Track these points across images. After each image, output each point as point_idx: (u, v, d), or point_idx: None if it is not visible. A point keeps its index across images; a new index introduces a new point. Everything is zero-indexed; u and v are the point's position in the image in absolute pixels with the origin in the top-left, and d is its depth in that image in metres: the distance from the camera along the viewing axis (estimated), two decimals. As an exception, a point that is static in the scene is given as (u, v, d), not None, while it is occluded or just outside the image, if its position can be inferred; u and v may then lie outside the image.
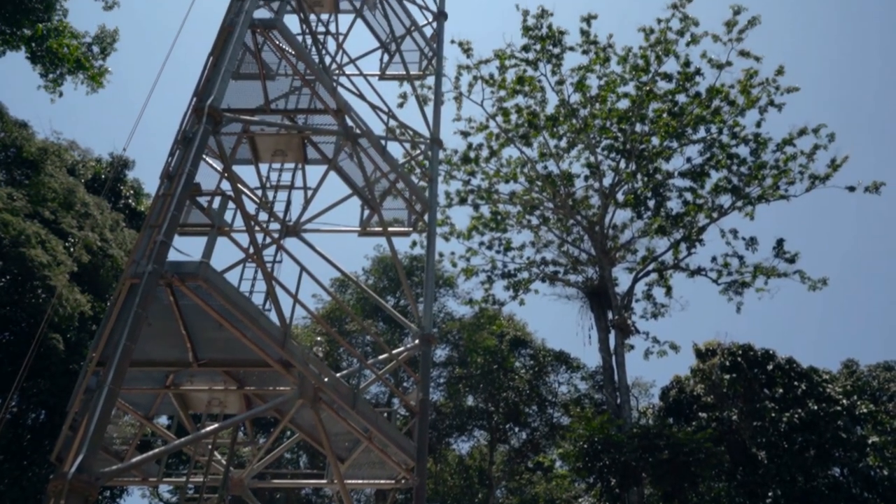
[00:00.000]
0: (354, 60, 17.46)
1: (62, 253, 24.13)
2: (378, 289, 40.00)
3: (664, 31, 31.56)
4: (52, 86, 32.26)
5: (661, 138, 31.64)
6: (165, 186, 10.34)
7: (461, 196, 32.75)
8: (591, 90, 32.05)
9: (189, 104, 11.60)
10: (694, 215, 31.05)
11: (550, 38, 32.22)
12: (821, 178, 29.69)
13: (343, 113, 13.28)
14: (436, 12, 19.10)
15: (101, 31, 33.18)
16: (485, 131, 32.70)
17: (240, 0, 12.65)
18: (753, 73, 30.86)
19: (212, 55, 12.26)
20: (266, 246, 13.53)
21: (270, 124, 13.59)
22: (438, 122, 16.89)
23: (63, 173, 28.41)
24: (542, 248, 33.25)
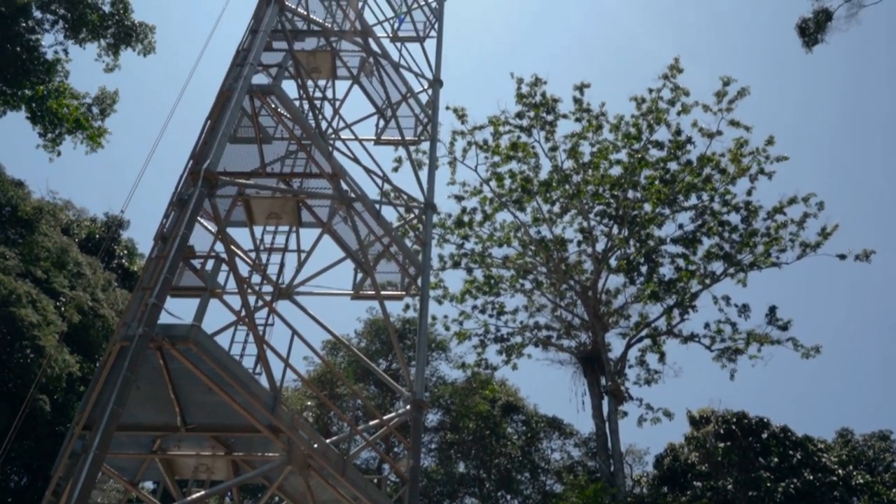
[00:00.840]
0: (350, 125, 17.70)
1: (52, 313, 24.00)
2: (370, 352, 39.73)
3: (655, 101, 32.13)
4: (51, 145, 32.56)
5: (653, 205, 31.92)
6: (159, 248, 10.36)
7: (455, 260, 32.82)
8: (583, 157, 32.45)
9: (185, 166, 11.70)
10: (686, 282, 31.13)
11: (544, 105, 32.75)
12: (811, 246, 29.90)
13: (338, 177, 13.40)
14: (431, 79, 19.46)
15: (101, 92, 33.68)
16: (479, 196, 32.97)
17: (239, 66, 12.87)
18: (744, 142, 31.34)
19: (209, 119, 12.43)
20: (258, 308, 13.48)
21: (266, 188, 13.69)
22: (433, 187, 17.03)
23: (57, 233, 28.45)
24: (535, 312, 33.21)
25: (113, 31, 33.31)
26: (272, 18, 13.86)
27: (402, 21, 21.33)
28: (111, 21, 33.19)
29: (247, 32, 14.50)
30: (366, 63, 17.88)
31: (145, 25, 33.82)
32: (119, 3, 33.39)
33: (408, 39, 21.17)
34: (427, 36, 21.47)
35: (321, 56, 17.46)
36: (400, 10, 21.84)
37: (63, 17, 32.33)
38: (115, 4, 33.37)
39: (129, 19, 33.34)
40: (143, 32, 33.72)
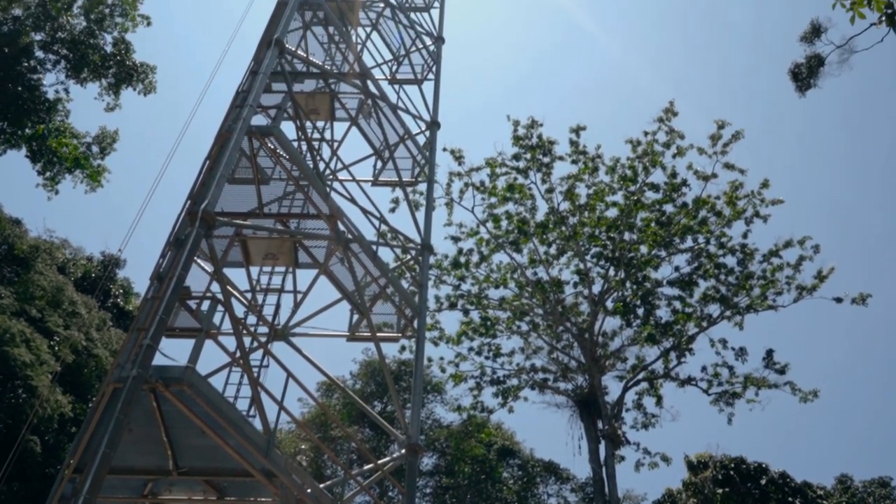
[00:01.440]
0: (348, 166, 17.79)
1: (46, 352, 23.83)
2: (365, 393, 39.44)
3: (651, 144, 32.38)
4: (51, 184, 32.70)
5: (649, 247, 31.99)
6: (155, 288, 10.32)
7: (451, 301, 32.75)
8: (580, 199, 32.59)
9: (183, 206, 11.72)
10: (683, 324, 31.06)
11: (540, 147, 32.98)
12: (808, 289, 29.92)
13: (335, 218, 13.42)
14: (429, 121, 19.59)
15: (101, 131, 33.93)
16: (475, 237, 33.01)
17: (238, 107, 12.95)
18: (739, 185, 31.52)
19: (208, 159, 12.47)
20: (253, 350, 13.39)
21: (263, 228, 13.69)
22: (429, 228, 17.05)
23: (53, 271, 28.39)
24: (531, 354, 33.05)
25: (114, 70, 33.66)
26: (272, 61, 13.97)
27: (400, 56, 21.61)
28: (112, 61, 33.54)
29: (246, 74, 14.64)
30: (364, 105, 18.03)
31: (146, 65, 34.17)
32: (121, 44, 33.79)
33: (406, 82, 21.39)
34: (425, 78, 21.69)
35: (320, 98, 17.61)
36: (398, 53, 22.12)
37: (65, 58, 32.67)
38: (117, 45, 33.77)
39: (130, 59, 33.70)
40: (143, 72, 34.07)
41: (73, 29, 32.67)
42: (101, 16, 33.17)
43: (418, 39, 21.95)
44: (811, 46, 20.13)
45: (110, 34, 33.67)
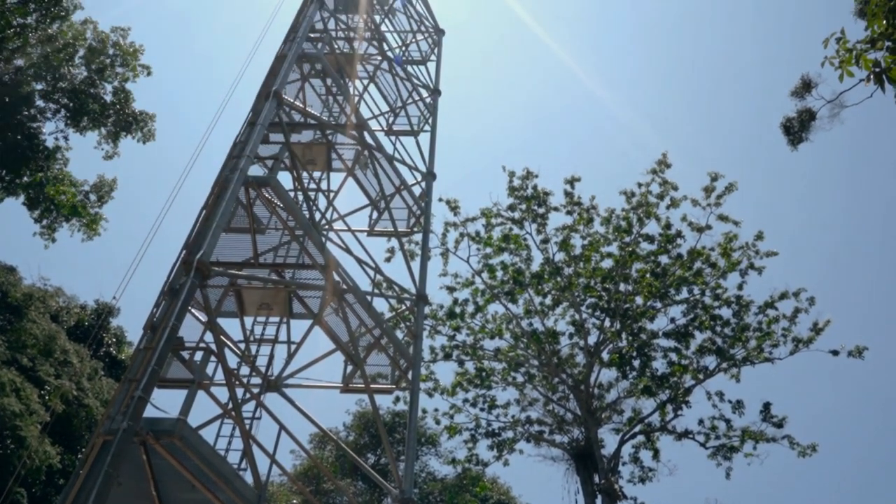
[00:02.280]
0: (344, 216, 17.87)
1: (36, 402, 23.57)
2: (359, 445, 38.97)
3: (645, 195, 32.57)
4: (48, 232, 32.74)
5: (644, 298, 31.96)
6: (148, 339, 10.26)
7: (446, 351, 32.56)
8: (575, 249, 32.65)
9: (178, 256, 11.71)
10: (680, 376, 30.88)
11: (535, 198, 33.15)
12: (804, 342, 29.83)
13: (331, 269, 13.43)
14: (425, 172, 19.75)
15: (99, 179, 34.10)
16: (471, 287, 32.97)
17: (235, 158, 13.05)
18: (733, 236, 31.64)
19: (204, 208, 12.51)
20: (246, 401, 13.27)
21: (257, 279, 13.67)
22: (425, 279, 17.07)
23: (46, 319, 28.23)
24: (527, 406, 32.75)
25: (113, 119, 33.97)
26: (270, 112, 14.13)
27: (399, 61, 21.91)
28: (112, 110, 33.87)
29: (244, 125, 14.78)
30: (361, 156, 18.19)
31: (145, 114, 34.50)
32: (121, 93, 34.16)
33: (402, 133, 21.64)
34: (421, 130, 21.95)
35: (317, 148, 17.78)
36: (395, 105, 22.39)
37: (65, 106, 32.99)
38: (117, 94, 34.13)
39: (129, 108, 34.03)
40: (143, 121, 34.37)
41: (74, 79, 33.05)
42: (102, 66, 33.59)
43: (415, 92, 22.27)
44: (802, 101, 20.36)
45: (111, 83, 34.08)
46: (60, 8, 31.75)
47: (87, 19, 33.46)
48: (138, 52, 34.11)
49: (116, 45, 33.76)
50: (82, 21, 33.30)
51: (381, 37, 22.19)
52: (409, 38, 24.51)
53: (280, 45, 17.68)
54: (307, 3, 19.00)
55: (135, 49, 34.04)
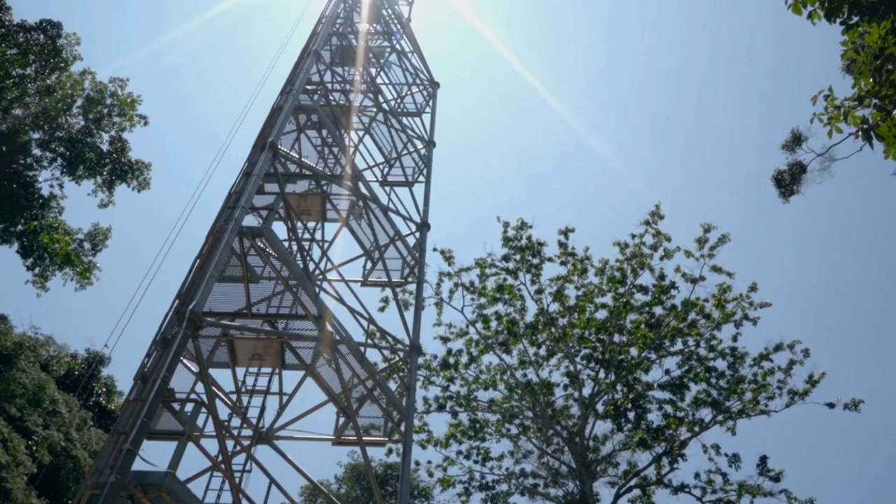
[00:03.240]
0: (338, 267, 17.85)
1: (23, 453, 23.21)
2: (350, 498, 38.37)
3: (639, 246, 32.70)
4: (40, 281, 32.63)
5: (639, 349, 31.86)
6: (138, 390, 10.15)
7: (440, 402, 32.28)
8: (569, 300, 32.63)
9: (171, 305, 11.67)
10: (675, 429, 30.62)
11: (530, 248, 33.25)
12: (799, 394, 29.69)
13: (324, 319, 13.37)
14: (419, 223, 19.81)
15: (94, 228, 34.14)
16: (465, 337, 32.85)
17: (230, 208, 13.08)
18: (727, 287, 31.69)
19: (198, 258, 12.50)
20: (236, 454, 13.10)
21: (250, 329, 13.60)
22: (418, 330, 17.00)
23: (36, 369, 27.97)
24: (521, 458, 32.37)
25: (109, 168, 34.12)
26: (265, 163, 14.22)
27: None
28: (108, 159, 34.04)
29: (240, 175, 14.86)
30: (355, 206, 18.26)
31: (141, 163, 34.69)
32: (117, 142, 34.39)
33: (397, 184, 21.78)
34: (416, 181, 22.10)
35: (312, 199, 17.85)
36: (390, 156, 22.58)
37: (61, 155, 33.16)
38: (114, 143, 34.36)
39: (125, 157, 34.22)
40: (139, 169, 34.53)
41: (72, 128, 33.30)
42: (100, 115, 33.88)
43: (410, 143, 22.47)
44: (793, 154, 20.59)
45: (108, 133, 34.34)
46: (60, 59, 32.14)
47: (85, 70, 33.90)
48: (136, 102, 34.44)
49: (114, 94, 34.11)
50: (81, 71, 33.70)
51: (377, 89, 22.47)
52: (405, 90, 24.82)
53: (276, 97, 17.90)
54: (304, 56, 19.28)
55: (132, 99, 34.39)
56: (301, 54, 19.96)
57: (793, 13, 10.87)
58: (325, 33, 20.42)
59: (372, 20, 25.20)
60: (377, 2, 25.23)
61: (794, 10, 11.01)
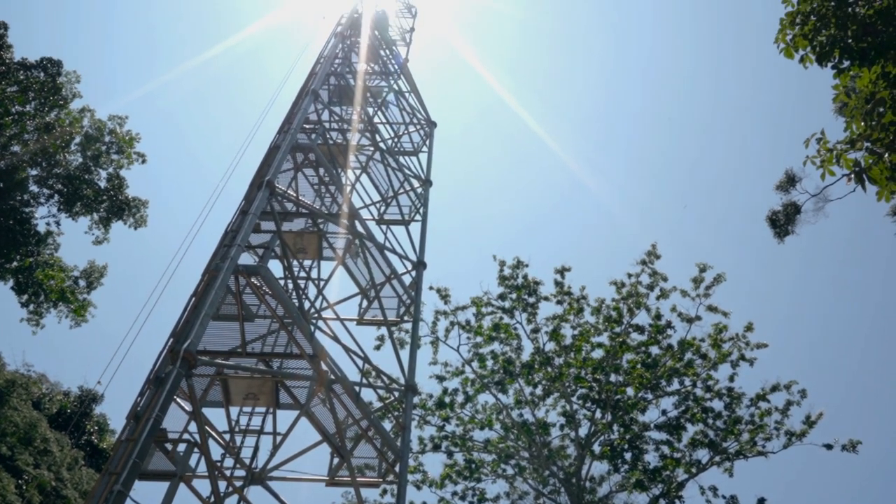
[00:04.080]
0: (333, 305, 17.84)
1: (13, 493, 22.90)
2: (344, 539, 37.77)
3: (635, 285, 32.69)
4: (35, 318, 32.49)
5: (636, 389, 31.69)
6: (130, 429, 10.07)
7: (435, 442, 31.99)
8: (565, 339, 32.52)
9: (165, 344, 11.62)
10: (672, 470, 30.34)
11: (526, 287, 33.22)
12: (797, 435, 29.49)
13: (319, 359, 13.31)
14: (415, 261, 19.83)
15: (90, 265, 34.09)
16: (460, 376, 32.66)
17: (227, 246, 13.09)
18: (723, 328, 31.63)
19: (193, 296, 12.48)
20: (228, 495, 12.94)
21: (244, 368, 13.53)
22: (414, 369, 16.94)
23: (28, 407, 27.72)
24: (517, 500, 31.97)
25: (106, 205, 34.18)
26: (262, 202, 14.27)
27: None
28: (105, 196, 34.12)
29: (237, 213, 14.90)
30: (351, 245, 18.29)
31: (138, 200, 34.75)
32: (115, 179, 34.49)
33: (393, 223, 21.84)
34: (412, 219, 22.16)
35: (308, 237, 17.88)
36: (387, 194, 22.67)
37: (59, 192, 33.25)
38: (111, 180, 34.46)
39: (123, 195, 34.30)
40: (136, 207, 34.59)
41: (70, 165, 33.43)
42: (98, 153, 34.04)
43: (406, 182, 22.58)
44: (787, 195, 20.69)
45: (105, 170, 34.46)
46: (59, 97, 32.38)
47: (84, 107, 34.14)
48: (134, 139, 34.63)
49: (113, 132, 34.31)
50: (80, 109, 33.93)
51: (375, 128, 22.65)
52: (402, 129, 25.02)
53: (274, 136, 18.02)
54: (302, 96, 19.45)
55: (131, 137, 34.59)
56: (299, 94, 20.15)
57: (785, 57, 11.05)
58: (324, 73, 20.64)
59: (370, 60, 25.50)
60: (375, 43, 25.54)
61: (787, 54, 11.18)
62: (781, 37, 11.32)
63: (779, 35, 11.33)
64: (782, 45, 11.35)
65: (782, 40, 11.35)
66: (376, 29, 25.81)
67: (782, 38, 11.33)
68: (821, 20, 10.19)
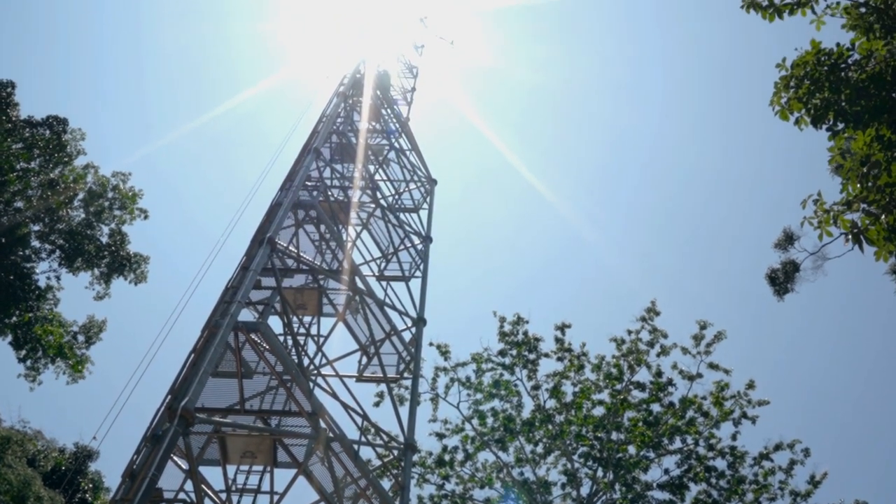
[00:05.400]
0: (333, 362, 17.78)
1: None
2: None
3: (635, 342, 32.60)
4: (32, 374, 32.26)
5: (637, 447, 31.35)
6: (125, 488, 9.98)
7: (434, 501, 31.52)
8: (566, 396, 32.30)
9: (163, 401, 11.56)
10: (676, 530, 29.85)
11: (526, 344, 33.11)
12: (802, 496, 29.09)
13: (318, 416, 13.22)
14: (415, 318, 19.82)
15: (89, 320, 33.98)
16: (460, 434, 32.35)
17: (227, 303, 13.11)
18: (725, 385, 31.45)
19: (192, 353, 12.45)
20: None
21: (242, 426, 13.43)
22: (413, 426, 16.79)
23: (22, 464, 27.37)
24: (518, 561, 31.41)
25: (108, 260, 34.24)
26: (263, 258, 14.33)
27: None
28: (107, 251, 34.21)
29: (237, 269, 14.95)
30: (351, 301, 18.31)
31: (139, 256, 34.82)
32: (117, 235, 34.63)
33: (394, 279, 21.89)
34: (412, 276, 22.21)
35: (308, 293, 17.91)
36: (387, 251, 22.77)
37: (60, 247, 33.35)
38: (113, 236, 34.59)
39: (124, 250, 34.40)
40: (136, 262, 34.64)
41: (72, 220, 33.61)
42: (101, 209, 34.25)
43: (407, 238, 22.70)
44: (785, 253, 20.76)
45: (107, 226, 34.63)
46: (64, 154, 32.73)
47: (88, 164, 34.45)
48: (137, 196, 34.89)
49: (116, 188, 34.58)
50: (84, 165, 34.25)
51: (375, 185, 22.87)
52: (403, 186, 25.24)
53: (276, 192, 18.19)
54: (304, 154, 19.69)
55: (134, 193, 34.84)
56: (301, 151, 20.39)
57: (780, 119, 11.24)
58: (326, 132, 20.92)
59: (372, 119, 25.86)
60: (377, 102, 25.94)
61: (782, 116, 11.39)
62: (776, 100, 11.54)
63: (774, 98, 11.55)
64: (777, 107, 11.56)
65: (777, 103, 11.57)
66: (378, 88, 26.24)
67: (777, 101, 11.55)
68: (815, 84, 10.40)
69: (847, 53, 10.96)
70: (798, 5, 11.50)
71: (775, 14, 11.85)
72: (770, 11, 11.90)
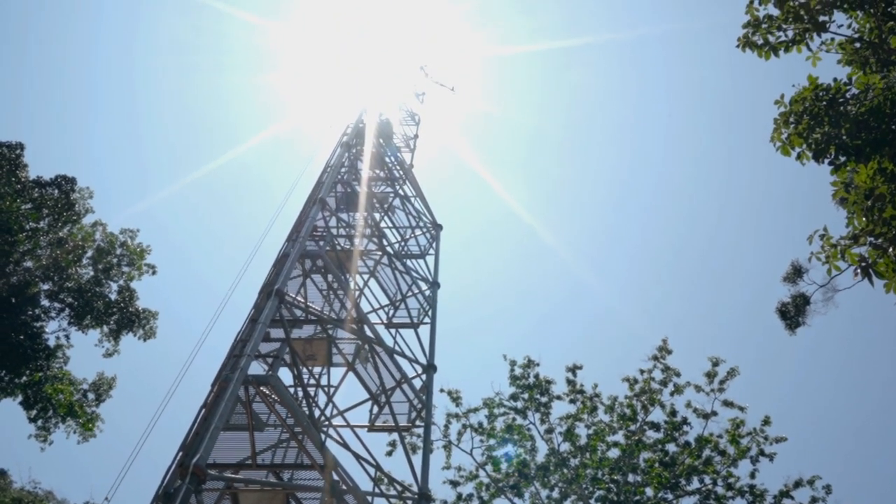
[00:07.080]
0: (344, 412, 17.66)
1: None
2: None
3: (648, 382, 32.34)
4: (43, 434, 32.07)
5: (655, 489, 30.87)
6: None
7: (451, 551, 31.02)
8: (580, 439, 31.95)
9: (174, 458, 11.47)
10: (698, 574, 29.24)
11: (538, 387, 32.86)
12: (826, 533, 28.53)
13: (329, 469, 13.10)
14: (425, 364, 19.71)
15: (98, 378, 33.88)
16: (475, 481, 31.95)
17: (236, 356, 13.08)
18: (740, 422, 31.07)
19: (203, 407, 12.39)
20: None
21: (255, 482, 13.30)
22: (427, 475, 16.58)
23: (33, 526, 27.13)
24: None
25: (117, 317, 34.26)
26: (272, 310, 14.33)
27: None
28: (116, 308, 34.25)
29: (246, 321, 14.94)
30: (361, 350, 18.25)
31: (148, 312, 34.84)
32: (125, 292, 34.70)
33: (402, 326, 21.83)
34: (421, 322, 22.15)
35: (317, 344, 17.86)
36: (395, 298, 22.76)
37: (70, 305, 33.41)
38: (122, 292, 34.67)
39: (133, 307, 34.44)
40: (145, 318, 34.66)
41: (81, 278, 33.73)
42: (109, 265, 34.39)
43: (415, 285, 22.70)
44: (795, 286, 20.68)
45: (116, 282, 34.72)
46: (72, 212, 33.01)
47: (96, 221, 34.71)
48: (145, 251, 35.06)
49: (124, 245, 34.77)
50: (92, 223, 34.51)
51: (381, 233, 22.94)
52: (409, 233, 25.32)
53: (283, 243, 18.26)
54: (309, 204, 19.81)
55: (142, 249, 35.02)
56: (307, 202, 20.52)
57: (782, 155, 11.31)
58: (330, 182, 21.08)
59: (375, 167, 26.06)
60: (380, 150, 26.17)
61: (783, 152, 11.45)
62: (777, 136, 11.62)
63: (774, 134, 11.62)
64: (778, 143, 11.62)
65: (778, 139, 11.64)
66: (381, 137, 26.50)
67: (777, 137, 11.62)
68: (814, 119, 10.47)
69: (845, 88, 11.06)
70: (793, 43, 11.64)
71: (771, 52, 11.99)
72: (766, 50, 12.05)
